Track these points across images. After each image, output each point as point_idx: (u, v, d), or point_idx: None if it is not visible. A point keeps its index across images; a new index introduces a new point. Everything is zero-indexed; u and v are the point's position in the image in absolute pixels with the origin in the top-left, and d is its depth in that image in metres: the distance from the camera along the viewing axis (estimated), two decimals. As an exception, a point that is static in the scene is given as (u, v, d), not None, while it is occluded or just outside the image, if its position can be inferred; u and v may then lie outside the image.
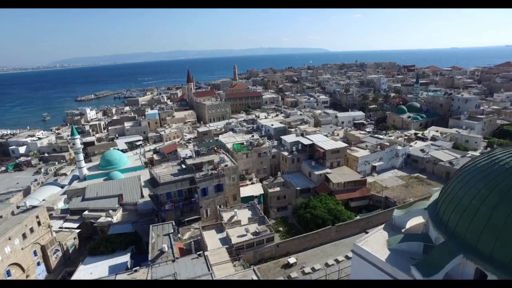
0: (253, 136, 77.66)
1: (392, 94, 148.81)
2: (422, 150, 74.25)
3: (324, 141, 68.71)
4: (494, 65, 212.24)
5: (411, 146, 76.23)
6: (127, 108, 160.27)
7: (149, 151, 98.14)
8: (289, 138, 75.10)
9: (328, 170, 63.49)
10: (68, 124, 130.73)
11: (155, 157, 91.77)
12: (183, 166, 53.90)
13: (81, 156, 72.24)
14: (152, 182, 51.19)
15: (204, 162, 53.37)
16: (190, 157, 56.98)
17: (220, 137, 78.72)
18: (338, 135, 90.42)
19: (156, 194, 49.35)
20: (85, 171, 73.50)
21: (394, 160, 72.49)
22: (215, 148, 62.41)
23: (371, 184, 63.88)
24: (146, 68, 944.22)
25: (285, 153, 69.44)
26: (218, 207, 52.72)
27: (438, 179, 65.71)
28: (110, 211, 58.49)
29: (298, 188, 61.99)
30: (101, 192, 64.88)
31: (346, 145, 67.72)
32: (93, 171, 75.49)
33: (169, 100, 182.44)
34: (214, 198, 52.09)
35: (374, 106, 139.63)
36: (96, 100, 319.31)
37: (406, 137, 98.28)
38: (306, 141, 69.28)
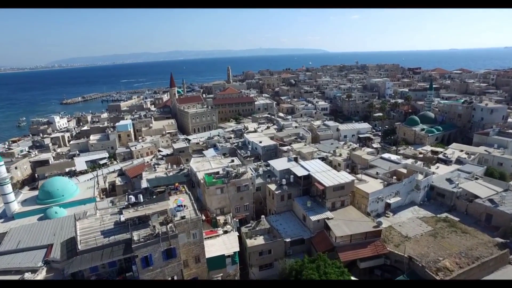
0: (233, 161, 61.28)
1: (400, 101, 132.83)
2: (449, 180, 57.90)
3: (324, 172, 52.30)
4: (509, 68, 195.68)
5: (433, 173, 59.86)
6: (104, 115, 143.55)
7: (113, 172, 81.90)
8: (279, 164, 58.80)
9: (328, 214, 47.16)
10: (31, 135, 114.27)
11: (118, 181, 75.52)
12: (123, 219, 37.51)
13: (8, 188, 55.73)
14: (69, 247, 34.79)
15: (151, 214, 37.01)
16: (136, 202, 40.58)
17: (192, 162, 62.35)
18: (340, 155, 74.03)
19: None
20: (15, 207, 57.02)
21: (414, 194, 56.16)
22: (176, 185, 46.04)
23: (386, 231, 47.60)
24: (143, 69, 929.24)
25: (273, 187, 53.00)
26: (169, 279, 36.33)
27: (475, 223, 49.43)
28: (27, 274, 42.07)
29: (288, 240, 45.72)
30: (25, 241, 48.34)
31: (353, 178, 51.24)
32: (28, 206, 58.87)
33: (153, 105, 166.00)
34: (163, 267, 35.71)
35: (380, 114, 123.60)
36: (83, 103, 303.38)
37: (422, 155, 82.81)
38: (300, 171, 52.90)
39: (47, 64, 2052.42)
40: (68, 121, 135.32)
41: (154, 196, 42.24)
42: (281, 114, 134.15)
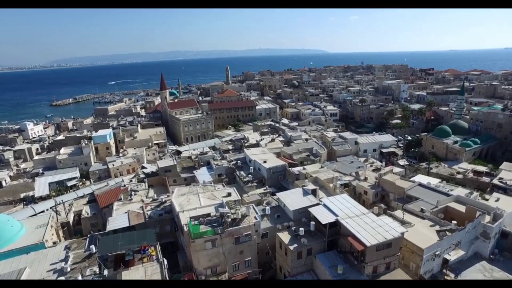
0: (229, 195, 45.57)
1: (418, 106, 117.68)
2: (525, 223, 42.39)
3: (358, 218, 36.59)
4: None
5: (504, 211, 44.25)
6: (88, 121, 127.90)
7: (83, 196, 66.24)
8: (292, 201, 43.15)
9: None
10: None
11: (86, 212, 59.77)
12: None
13: None
14: None
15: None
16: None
17: (175, 195, 46.47)
18: (366, 179, 58.51)
19: None
20: None
21: (479, 244, 40.68)
22: (144, 246, 30.36)
23: (453, 309, 32.12)
24: (141, 69, 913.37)
25: (285, 238, 37.34)
26: None
27: None
28: None
29: (312, 331, 30.13)
30: None
31: (404, 230, 35.47)
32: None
33: (143, 109, 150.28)
34: None
35: (398, 121, 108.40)
36: (74, 104, 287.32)
37: (461, 176, 68.40)
38: (324, 217, 37.25)
39: (46, 63, 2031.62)
40: (44, 128, 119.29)
41: (106, 271, 26.47)
42: (285, 120, 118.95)
